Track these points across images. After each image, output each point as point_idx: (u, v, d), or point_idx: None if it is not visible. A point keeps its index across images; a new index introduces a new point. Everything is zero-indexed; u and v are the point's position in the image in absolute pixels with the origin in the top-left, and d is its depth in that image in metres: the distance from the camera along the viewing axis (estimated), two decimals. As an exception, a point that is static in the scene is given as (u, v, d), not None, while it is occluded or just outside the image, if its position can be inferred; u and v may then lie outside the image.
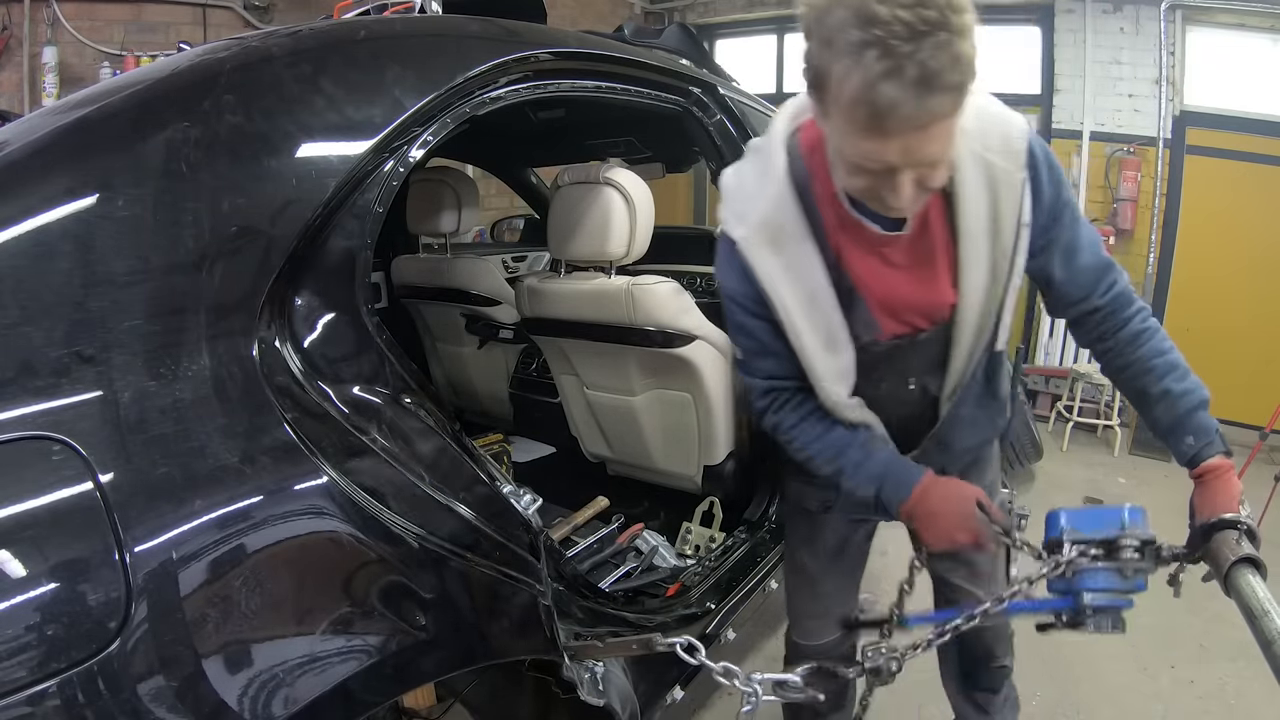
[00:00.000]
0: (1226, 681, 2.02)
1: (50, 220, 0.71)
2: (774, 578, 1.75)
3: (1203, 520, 0.93)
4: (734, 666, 0.93)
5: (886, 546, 2.80)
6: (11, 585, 0.58)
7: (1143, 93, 4.19)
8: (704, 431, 1.91)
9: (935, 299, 1.01)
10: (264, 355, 0.78)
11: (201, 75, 0.86)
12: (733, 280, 1.01)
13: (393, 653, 0.77)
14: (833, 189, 0.95)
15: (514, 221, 3.80)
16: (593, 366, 1.97)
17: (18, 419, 0.63)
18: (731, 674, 0.93)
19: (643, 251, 1.72)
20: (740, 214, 0.99)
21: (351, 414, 0.84)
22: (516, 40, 1.20)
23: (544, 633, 0.94)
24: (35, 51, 3.23)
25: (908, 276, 1.00)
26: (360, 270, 0.89)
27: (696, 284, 2.46)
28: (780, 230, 0.96)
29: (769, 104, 2.27)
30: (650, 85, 1.59)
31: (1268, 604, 0.80)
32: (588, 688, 1.00)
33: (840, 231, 0.98)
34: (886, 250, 0.98)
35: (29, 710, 0.56)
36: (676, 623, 1.41)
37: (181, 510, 0.67)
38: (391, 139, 0.94)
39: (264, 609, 0.69)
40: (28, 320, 0.67)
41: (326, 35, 1.00)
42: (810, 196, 0.96)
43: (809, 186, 0.97)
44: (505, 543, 0.92)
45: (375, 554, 0.78)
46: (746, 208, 0.98)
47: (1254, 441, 2.89)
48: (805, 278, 0.97)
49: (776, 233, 0.96)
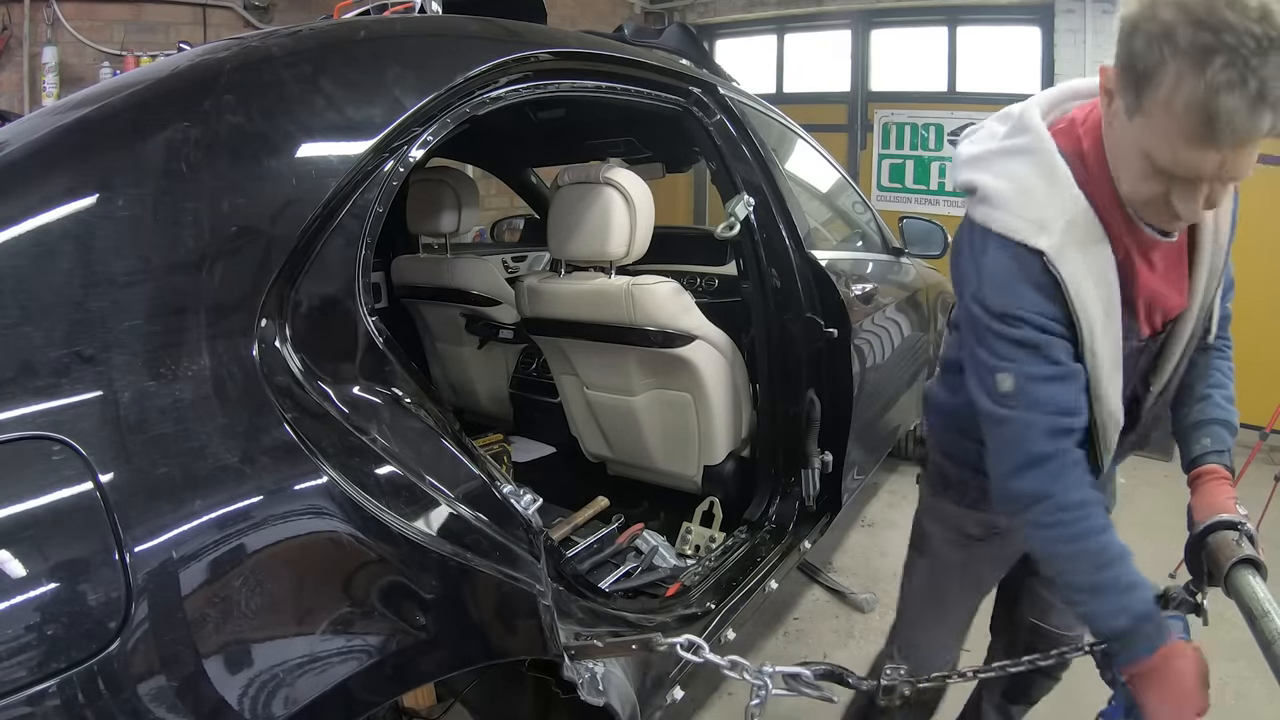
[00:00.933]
0: (1226, 681, 2.02)
1: (50, 220, 0.71)
2: (774, 578, 1.75)
3: (1201, 521, 0.93)
4: (741, 659, 0.92)
5: (887, 547, 2.82)
6: (11, 585, 0.58)
7: (1143, 93, 4.19)
8: (704, 431, 1.91)
9: (1179, 300, 0.99)
10: (264, 355, 0.78)
11: (201, 75, 0.86)
12: (1026, 297, 0.90)
13: (393, 652, 0.77)
14: (1111, 192, 0.91)
15: (514, 221, 3.80)
16: (593, 366, 1.97)
17: (18, 419, 0.63)
18: (740, 667, 0.91)
19: (643, 251, 1.72)
20: (1040, 222, 0.90)
21: (351, 414, 0.84)
22: (516, 40, 1.20)
23: (544, 633, 0.94)
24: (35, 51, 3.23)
25: (1164, 279, 0.98)
26: (360, 270, 0.89)
27: (696, 284, 2.46)
28: (1086, 235, 0.90)
29: (769, 104, 2.27)
30: (650, 85, 1.59)
31: (1268, 604, 0.80)
32: (588, 688, 1.00)
33: (1126, 235, 0.93)
34: (1151, 253, 0.95)
35: (29, 710, 0.56)
36: (676, 623, 1.41)
37: (181, 510, 0.67)
38: (391, 139, 0.94)
39: (264, 609, 0.69)
40: (28, 320, 0.67)
41: (326, 35, 1.00)
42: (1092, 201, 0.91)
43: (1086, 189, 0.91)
44: (505, 543, 0.92)
45: (375, 554, 0.78)
46: (1045, 215, 0.90)
47: (1254, 441, 2.89)
48: (1106, 283, 0.91)
49: (1083, 238, 0.90)
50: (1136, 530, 2.17)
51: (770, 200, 1.79)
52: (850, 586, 2.51)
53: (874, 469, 2.60)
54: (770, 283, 1.79)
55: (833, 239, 2.54)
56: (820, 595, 2.52)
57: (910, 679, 0.90)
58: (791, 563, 1.90)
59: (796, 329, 1.78)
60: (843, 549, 2.83)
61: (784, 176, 1.88)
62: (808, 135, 2.57)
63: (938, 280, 3.29)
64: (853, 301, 1.97)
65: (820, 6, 5.52)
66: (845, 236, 2.69)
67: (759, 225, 1.78)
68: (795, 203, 1.86)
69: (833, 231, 2.60)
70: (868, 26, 5.46)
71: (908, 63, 5.34)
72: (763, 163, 1.80)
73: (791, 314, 1.78)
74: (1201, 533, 0.92)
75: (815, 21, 5.63)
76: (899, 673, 0.91)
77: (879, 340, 2.29)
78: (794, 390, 1.82)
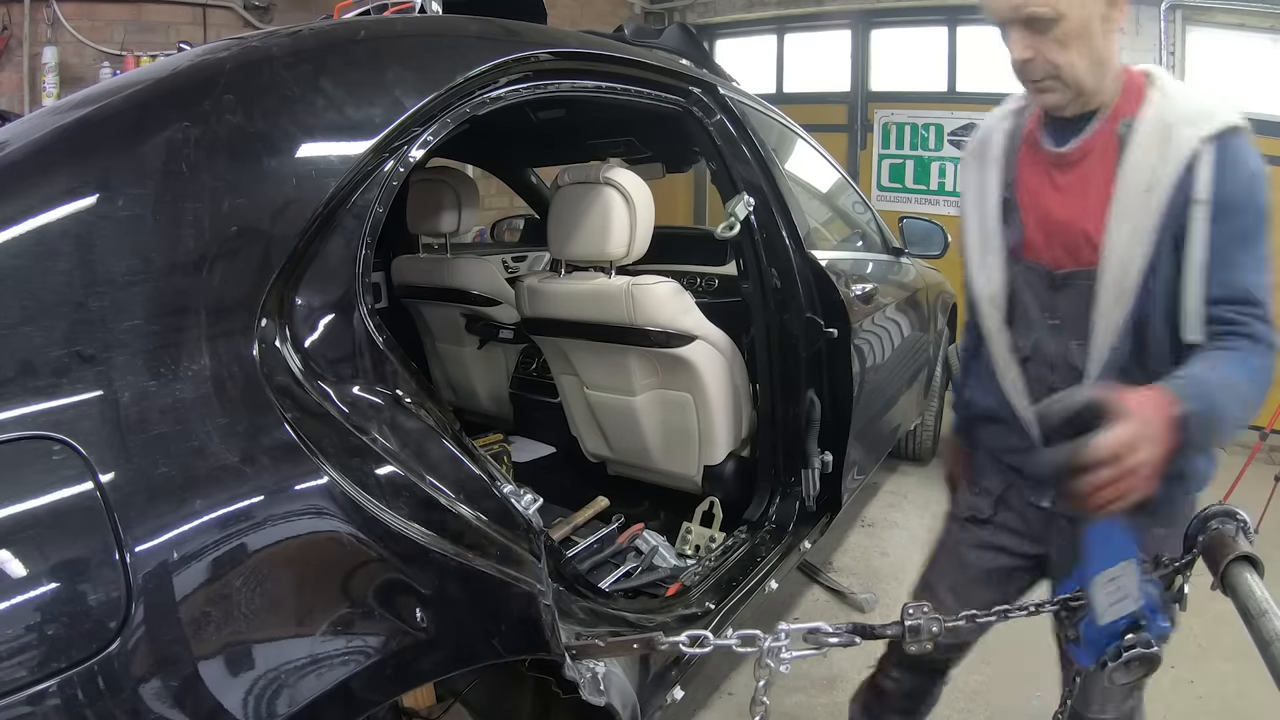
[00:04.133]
0: (1226, 681, 2.02)
1: (50, 220, 0.71)
2: (774, 578, 1.75)
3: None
4: (751, 630, 0.89)
5: (887, 547, 2.82)
6: (11, 585, 0.58)
7: (1143, 93, 4.19)
8: (704, 431, 1.91)
9: (1077, 221, 1.07)
10: (264, 355, 0.78)
11: (201, 75, 0.86)
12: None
13: (393, 652, 0.77)
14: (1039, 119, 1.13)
15: (514, 221, 3.80)
16: (593, 366, 1.97)
17: (18, 419, 0.63)
18: (752, 639, 0.89)
19: (643, 251, 1.72)
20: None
21: (352, 414, 0.84)
22: (516, 40, 1.20)
23: (545, 632, 0.94)
24: (35, 51, 3.24)
25: (1062, 198, 1.09)
26: (360, 270, 0.89)
27: (696, 284, 2.46)
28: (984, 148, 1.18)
29: (769, 104, 2.27)
30: (650, 85, 1.58)
31: (1265, 603, 0.79)
32: (589, 687, 1.00)
33: (1027, 151, 1.14)
34: (1054, 173, 1.10)
35: (29, 710, 0.56)
36: (677, 622, 1.41)
37: (182, 510, 0.67)
38: (391, 139, 0.94)
39: (264, 608, 0.69)
40: (28, 320, 0.67)
41: (327, 35, 1.00)
42: (1019, 129, 1.16)
43: (1023, 120, 1.16)
44: (506, 542, 0.92)
45: (376, 554, 0.78)
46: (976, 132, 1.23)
47: (1254, 441, 2.89)
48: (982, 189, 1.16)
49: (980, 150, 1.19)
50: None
51: (770, 200, 1.79)
52: (850, 586, 2.51)
53: (874, 469, 2.60)
54: (770, 283, 1.79)
55: (833, 239, 2.54)
56: (820, 595, 2.52)
57: (936, 616, 0.87)
58: (791, 563, 1.90)
59: (796, 329, 1.78)
60: (843, 549, 2.83)
61: (784, 176, 1.88)
62: (808, 135, 2.57)
63: (938, 280, 3.28)
64: (853, 301, 1.98)
65: (820, 6, 5.52)
66: (845, 236, 2.69)
67: (759, 225, 1.78)
68: (795, 203, 1.86)
69: (833, 231, 2.60)
70: (868, 26, 5.46)
71: (908, 63, 5.35)
72: (763, 163, 1.80)
73: (791, 314, 1.78)
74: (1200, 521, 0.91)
75: (815, 21, 5.63)
76: (922, 610, 0.87)
77: (879, 340, 2.29)
78: (794, 390, 1.82)
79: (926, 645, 0.87)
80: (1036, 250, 1.12)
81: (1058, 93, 1.04)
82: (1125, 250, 1.01)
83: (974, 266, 1.18)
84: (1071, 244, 1.08)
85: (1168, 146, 0.99)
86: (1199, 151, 0.97)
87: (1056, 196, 1.10)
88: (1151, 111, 1.02)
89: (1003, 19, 1.02)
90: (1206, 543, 0.88)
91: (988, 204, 1.15)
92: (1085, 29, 0.98)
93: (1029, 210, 1.12)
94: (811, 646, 0.89)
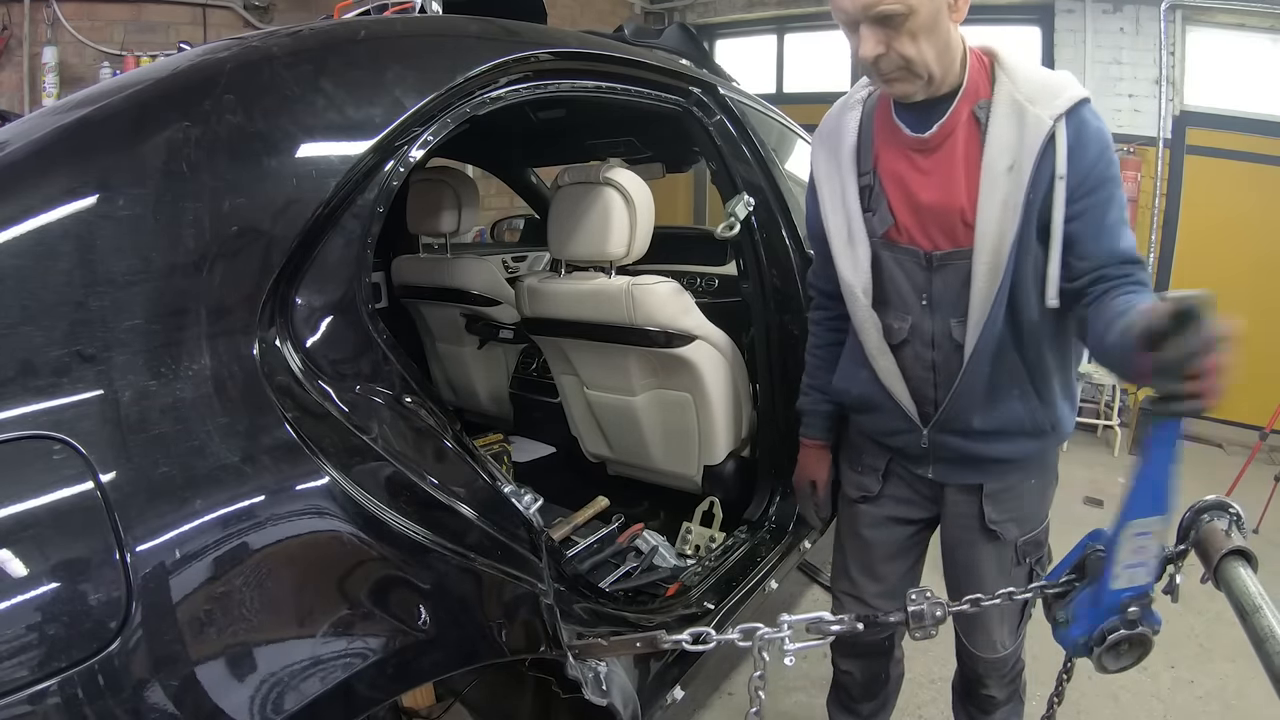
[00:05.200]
0: (1226, 681, 2.02)
1: (51, 220, 0.71)
2: (774, 577, 1.75)
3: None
4: (752, 624, 0.89)
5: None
6: (11, 585, 0.58)
7: (1143, 93, 4.20)
8: (704, 431, 1.91)
9: (949, 203, 1.10)
10: (265, 355, 0.78)
11: (202, 75, 0.86)
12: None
13: (394, 651, 0.77)
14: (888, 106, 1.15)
15: (514, 221, 3.80)
16: (593, 366, 1.97)
17: (18, 418, 0.63)
18: (753, 632, 0.89)
19: (643, 251, 1.72)
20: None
21: (352, 413, 0.84)
22: (516, 40, 1.20)
23: (546, 632, 0.94)
24: (35, 51, 3.23)
25: (928, 181, 1.11)
26: (360, 270, 0.89)
27: (696, 284, 2.46)
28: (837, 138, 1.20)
29: (769, 104, 2.27)
30: (650, 85, 1.58)
31: (1259, 600, 0.78)
32: (591, 687, 1.00)
33: (882, 138, 1.16)
34: (916, 157, 1.12)
35: (29, 710, 0.56)
36: (677, 622, 1.41)
37: (182, 510, 0.67)
38: (392, 139, 0.94)
39: (265, 608, 0.69)
40: (28, 320, 0.67)
41: (327, 35, 1.00)
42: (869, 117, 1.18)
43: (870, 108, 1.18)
44: (506, 542, 0.92)
45: (376, 553, 0.78)
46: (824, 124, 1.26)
47: (1254, 441, 2.90)
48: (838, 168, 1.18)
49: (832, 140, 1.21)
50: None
51: (770, 200, 1.79)
52: (850, 586, 2.51)
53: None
54: (770, 283, 1.79)
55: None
56: (820, 595, 2.52)
57: (939, 601, 0.88)
58: (791, 563, 1.90)
59: (796, 329, 1.78)
60: (843, 549, 2.82)
61: (784, 176, 1.88)
62: (808, 135, 2.57)
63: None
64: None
65: (820, 6, 5.51)
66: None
67: (759, 225, 1.78)
68: (795, 203, 1.86)
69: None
70: (868, 27, 5.45)
71: (908, 63, 5.34)
72: (763, 163, 1.80)
73: (791, 314, 1.78)
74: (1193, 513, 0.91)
75: (815, 21, 5.63)
76: (924, 596, 0.87)
77: (879, 340, 2.28)
78: (794, 390, 1.81)
79: (931, 632, 0.88)
80: (909, 234, 1.14)
81: (908, 82, 1.05)
82: (997, 227, 1.05)
83: (840, 257, 1.19)
84: (947, 226, 1.10)
85: (1024, 127, 1.03)
86: (1054, 130, 1.02)
87: (922, 180, 1.12)
88: (1003, 93, 1.06)
89: (853, 19, 1.02)
90: (1199, 536, 0.88)
91: (848, 195, 1.17)
92: (934, 21, 1.01)
93: (895, 196, 1.14)
94: (816, 636, 0.89)
